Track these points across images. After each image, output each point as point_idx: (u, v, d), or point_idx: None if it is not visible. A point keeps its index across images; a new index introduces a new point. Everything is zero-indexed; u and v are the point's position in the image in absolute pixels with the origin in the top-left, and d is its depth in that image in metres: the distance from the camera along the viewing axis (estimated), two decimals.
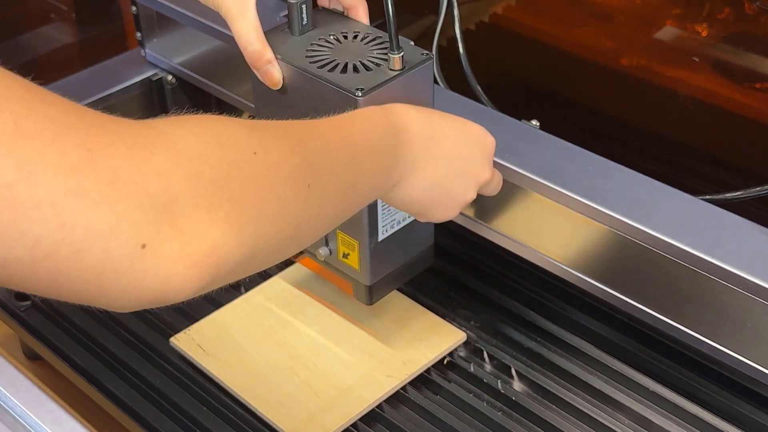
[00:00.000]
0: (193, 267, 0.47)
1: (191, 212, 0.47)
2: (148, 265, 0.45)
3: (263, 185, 0.52)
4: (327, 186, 0.59)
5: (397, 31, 0.73)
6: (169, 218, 0.46)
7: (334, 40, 0.78)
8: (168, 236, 0.46)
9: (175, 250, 0.46)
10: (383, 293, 0.87)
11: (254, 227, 0.51)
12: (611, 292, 0.81)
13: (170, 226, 0.46)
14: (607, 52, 1.13)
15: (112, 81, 1.11)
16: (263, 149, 0.53)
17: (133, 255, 0.45)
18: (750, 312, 0.73)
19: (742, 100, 1.03)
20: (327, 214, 0.61)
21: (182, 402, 0.85)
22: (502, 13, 1.20)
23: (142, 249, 0.45)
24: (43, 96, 0.44)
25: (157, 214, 0.45)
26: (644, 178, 0.81)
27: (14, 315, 0.95)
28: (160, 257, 0.46)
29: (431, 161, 0.71)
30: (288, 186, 0.55)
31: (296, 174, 0.56)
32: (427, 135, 0.71)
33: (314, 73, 0.75)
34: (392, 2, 0.72)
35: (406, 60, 0.75)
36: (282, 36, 0.78)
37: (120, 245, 0.44)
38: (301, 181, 0.56)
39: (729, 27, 1.02)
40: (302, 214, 0.57)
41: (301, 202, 0.56)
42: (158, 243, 0.45)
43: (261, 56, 0.75)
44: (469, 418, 0.83)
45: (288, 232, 0.55)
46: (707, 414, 0.82)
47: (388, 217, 0.81)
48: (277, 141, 0.56)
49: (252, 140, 0.53)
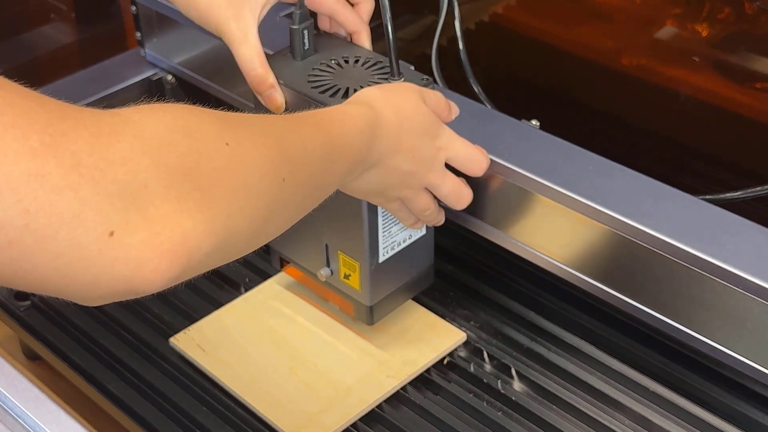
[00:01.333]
0: (164, 256, 0.46)
1: (161, 201, 0.46)
2: (118, 254, 0.45)
3: (235, 176, 0.52)
4: (301, 180, 0.59)
5: (398, 57, 0.74)
6: (137, 206, 0.45)
7: (336, 65, 0.79)
8: (137, 225, 0.45)
9: (144, 238, 0.45)
10: (384, 313, 0.88)
11: (225, 217, 0.50)
12: (611, 292, 0.81)
13: (139, 214, 0.45)
14: (607, 52, 1.13)
15: (112, 81, 1.11)
16: (235, 141, 0.53)
17: (101, 243, 0.44)
18: (750, 312, 0.73)
19: (742, 100, 1.03)
20: (297, 206, 0.61)
21: (182, 402, 0.85)
22: (502, 13, 1.20)
23: (110, 237, 0.44)
24: (2, 83, 0.43)
25: (125, 202, 0.45)
26: (644, 177, 0.81)
27: (14, 315, 0.95)
28: (130, 246, 0.45)
29: (390, 161, 0.71)
30: (261, 178, 0.54)
31: (270, 167, 0.55)
32: (395, 137, 0.70)
33: (315, 98, 0.76)
34: (393, 29, 0.73)
35: None
36: (284, 60, 0.79)
37: (86, 232, 0.43)
38: (275, 174, 0.56)
39: (729, 27, 1.02)
40: (274, 206, 0.56)
41: (274, 194, 0.56)
42: (127, 231, 0.45)
43: (264, 81, 0.76)
44: (469, 418, 0.83)
45: (259, 223, 0.55)
46: (707, 414, 0.82)
47: (388, 239, 0.83)
48: (252, 134, 0.55)
49: (224, 132, 0.53)
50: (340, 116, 0.67)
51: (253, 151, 0.54)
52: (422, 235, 0.86)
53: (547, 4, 1.16)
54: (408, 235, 0.84)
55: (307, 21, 0.78)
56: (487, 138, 0.86)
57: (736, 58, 1.03)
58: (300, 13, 0.78)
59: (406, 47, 1.21)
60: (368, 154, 0.69)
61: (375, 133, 0.68)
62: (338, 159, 0.65)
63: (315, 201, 0.65)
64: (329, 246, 0.85)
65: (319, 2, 0.78)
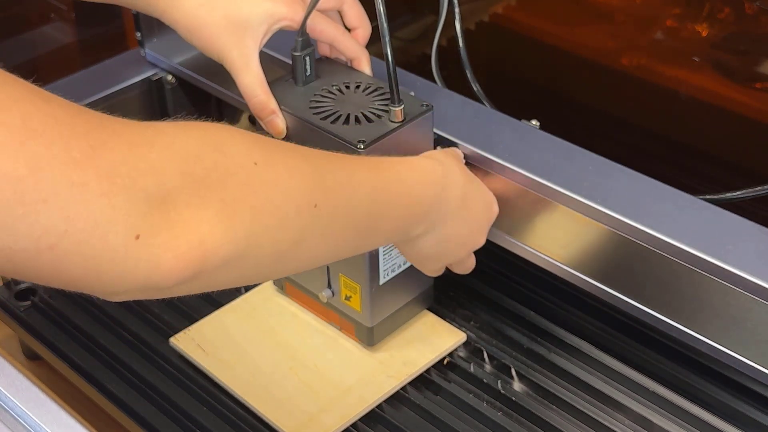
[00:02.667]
0: (181, 257, 0.49)
1: (182, 207, 0.49)
2: (141, 255, 0.47)
3: (259, 193, 0.54)
4: (340, 213, 0.62)
5: (397, 84, 0.76)
6: (161, 211, 0.48)
7: (337, 91, 0.80)
8: (159, 228, 0.48)
9: (165, 240, 0.48)
10: (385, 334, 0.89)
11: (246, 229, 0.53)
12: (611, 292, 0.81)
13: (162, 219, 0.48)
14: (607, 52, 1.13)
15: (112, 81, 1.11)
16: (265, 162, 0.55)
17: (128, 245, 0.47)
18: (750, 312, 0.73)
19: (742, 100, 1.03)
20: (335, 241, 0.63)
21: (182, 402, 0.85)
22: (502, 13, 1.20)
23: (135, 240, 0.47)
24: (46, 97, 0.46)
25: (150, 208, 0.48)
26: (644, 177, 0.81)
27: (14, 315, 0.95)
28: (152, 247, 0.48)
29: (456, 220, 0.75)
30: (287, 200, 0.56)
31: (301, 191, 0.58)
32: (462, 193, 0.75)
33: (317, 124, 0.77)
34: (393, 55, 0.74)
35: (406, 112, 0.77)
36: (286, 86, 0.81)
37: (116, 236, 0.46)
38: (305, 199, 0.58)
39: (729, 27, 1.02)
40: (304, 232, 0.58)
41: (305, 219, 0.58)
42: (150, 234, 0.48)
43: (265, 107, 0.78)
44: (469, 419, 0.83)
45: (286, 245, 0.57)
46: (707, 414, 0.82)
47: (389, 261, 0.84)
48: (286, 157, 0.58)
49: (254, 152, 0.55)
50: (404, 164, 0.70)
51: (283, 173, 0.56)
52: None
53: (547, 4, 1.16)
54: None
55: (308, 48, 0.80)
56: (487, 138, 0.86)
57: (736, 58, 1.03)
58: (302, 40, 0.79)
59: (406, 47, 1.21)
60: (433, 208, 0.72)
61: (444, 193, 0.72)
62: (392, 206, 0.68)
63: (363, 242, 0.67)
64: (330, 268, 0.86)
65: (320, 31, 0.80)
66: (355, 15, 0.82)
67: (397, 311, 0.88)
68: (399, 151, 0.78)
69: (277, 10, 0.77)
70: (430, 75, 0.99)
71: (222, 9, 0.76)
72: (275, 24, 0.77)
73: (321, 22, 0.80)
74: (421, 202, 0.71)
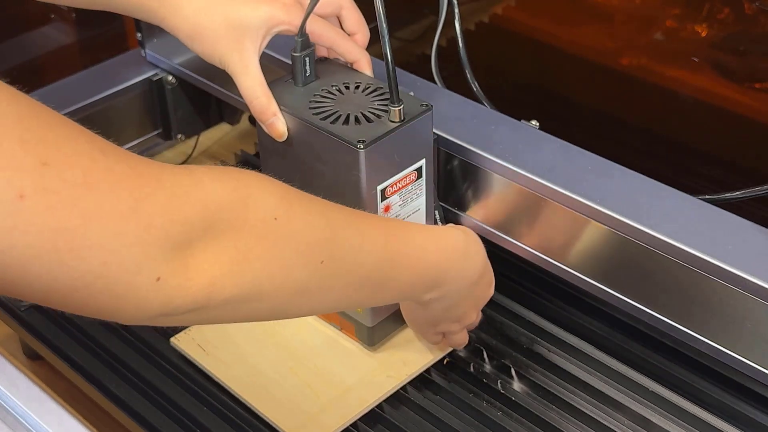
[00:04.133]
0: (189, 296, 0.54)
1: (200, 254, 0.54)
2: (158, 294, 0.52)
3: (272, 246, 0.58)
4: (342, 273, 0.65)
5: (397, 84, 0.76)
6: (182, 257, 0.53)
7: (336, 91, 0.81)
8: (178, 272, 0.53)
9: (180, 282, 0.53)
10: (384, 334, 0.89)
11: (254, 276, 0.57)
12: (611, 292, 0.81)
13: (181, 264, 0.53)
14: (607, 52, 1.13)
15: (112, 81, 1.11)
16: (286, 217, 0.59)
17: (150, 286, 0.51)
18: (750, 312, 0.73)
19: (742, 100, 1.03)
20: (336, 295, 0.66)
21: (182, 402, 0.85)
22: (502, 13, 1.20)
23: (157, 281, 0.52)
24: (102, 147, 0.50)
25: (174, 254, 0.52)
26: (644, 178, 0.82)
27: (14, 315, 0.95)
28: (168, 288, 0.52)
29: (467, 295, 0.79)
30: (297, 254, 0.60)
31: (310, 247, 0.61)
32: (481, 270, 0.79)
33: (317, 124, 0.77)
34: (392, 56, 0.74)
35: (405, 112, 0.78)
36: (286, 87, 0.81)
37: (142, 278, 0.51)
38: (313, 255, 0.62)
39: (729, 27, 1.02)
40: (308, 284, 0.62)
41: (308, 272, 0.62)
42: (170, 276, 0.52)
43: (266, 110, 0.79)
44: (469, 418, 0.83)
45: (288, 294, 0.61)
46: (707, 414, 0.82)
47: None
48: (307, 215, 0.62)
49: (279, 208, 0.59)
50: (425, 232, 0.73)
51: (299, 230, 0.60)
52: None
53: (547, 5, 1.16)
54: None
55: (308, 48, 0.80)
56: (487, 138, 0.86)
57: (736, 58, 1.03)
58: (301, 41, 0.79)
59: (406, 47, 1.21)
60: (450, 276, 0.75)
61: (466, 256, 0.76)
62: (405, 269, 0.71)
63: (367, 299, 0.72)
64: None
65: (319, 35, 0.81)
66: (354, 20, 0.82)
67: (397, 311, 0.88)
68: (398, 151, 0.78)
69: (276, 14, 0.78)
70: (430, 75, 0.99)
71: (221, 14, 0.77)
72: (274, 28, 0.78)
73: (320, 26, 0.80)
74: (438, 268, 0.74)
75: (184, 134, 1.18)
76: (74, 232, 0.48)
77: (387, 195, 0.79)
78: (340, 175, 0.78)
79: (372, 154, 0.76)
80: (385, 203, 0.79)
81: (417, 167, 0.81)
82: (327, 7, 0.81)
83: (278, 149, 0.81)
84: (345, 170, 0.77)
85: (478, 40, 1.16)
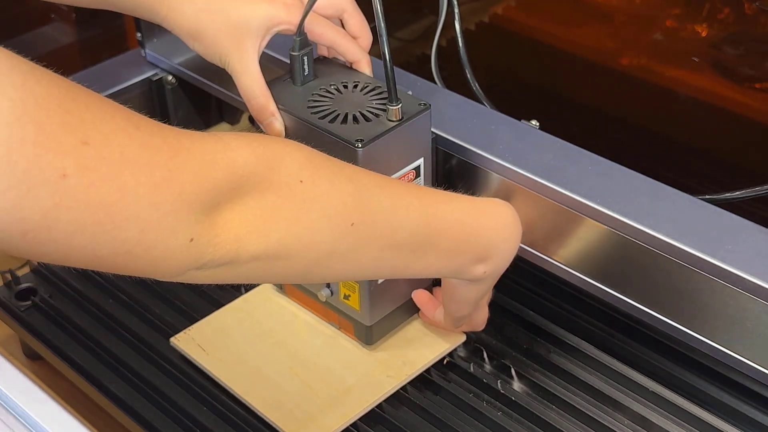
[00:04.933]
0: (218, 252, 0.57)
1: (228, 213, 0.57)
2: (191, 252, 0.56)
3: (297, 208, 0.60)
4: (376, 234, 0.66)
5: (395, 84, 0.76)
6: (211, 217, 0.56)
7: (335, 90, 0.81)
8: (207, 230, 0.56)
9: (209, 239, 0.56)
10: (383, 333, 0.89)
11: (279, 236, 0.60)
12: (611, 292, 0.81)
13: (210, 223, 0.56)
14: (607, 52, 1.13)
15: (112, 81, 1.11)
16: (311, 180, 0.61)
17: (183, 246, 0.55)
18: (750, 312, 0.73)
19: (742, 100, 1.03)
20: (371, 260, 0.67)
21: (182, 402, 0.85)
22: (502, 13, 1.20)
23: (190, 242, 0.55)
24: (137, 122, 0.53)
25: (205, 216, 0.56)
26: (644, 178, 0.81)
27: (14, 315, 0.95)
28: (199, 245, 0.56)
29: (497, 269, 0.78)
30: (324, 216, 0.62)
31: (338, 210, 0.63)
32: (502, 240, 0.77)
33: (315, 123, 0.78)
34: (390, 56, 0.74)
35: (404, 111, 0.78)
36: (284, 86, 0.81)
37: (177, 240, 0.54)
38: (341, 218, 0.63)
39: (729, 27, 1.02)
40: (337, 246, 0.64)
41: (337, 234, 0.63)
42: (200, 235, 0.56)
43: (264, 109, 0.79)
44: (469, 418, 0.83)
45: (317, 254, 0.63)
46: (707, 414, 0.82)
47: None
48: (335, 178, 0.64)
49: (304, 170, 0.61)
50: (468, 201, 0.74)
51: (324, 192, 0.62)
52: None
53: (547, 5, 1.16)
54: None
55: (307, 48, 0.80)
56: (487, 138, 0.86)
57: (736, 58, 1.03)
58: (300, 40, 0.79)
59: (406, 47, 1.21)
60: (499, 249, 0.76)
61: (516, 232, 0.77)
62: (448, 237, 0.71)
63: (405, 267, 0.71)
64: None
65: (319, 34, 0.81)
66: (356, 24, 0.82)
67: (395, 310, 0.88)
68: (397, 150, 0.78)
69: (276, 13, 0.78)
70: (430, 75, 0.99)
71: (222, 13, 0.77)
72: (274, 27, 0.78)
73: (320, 25, 0.80)
74: (484, 237, 0.74)
75: None
76: (114, 206, 0.51)
77: None
78: None
79: (370, 153, 0.76)
80: None
81: (415, 166, 0.81)
82: (328, 9, 0.81)
83: None
84: None
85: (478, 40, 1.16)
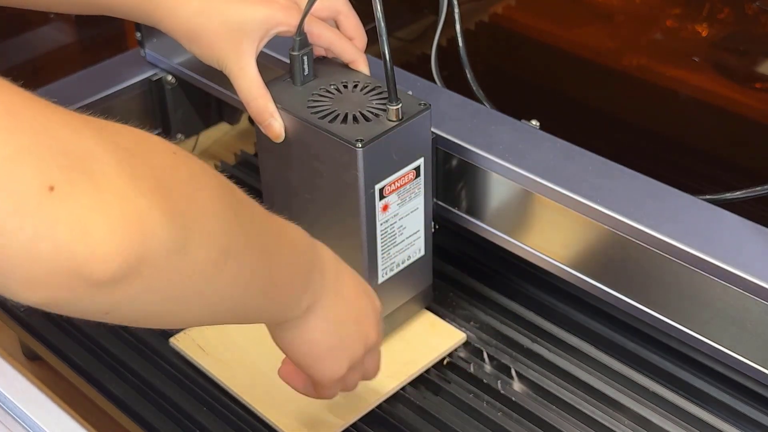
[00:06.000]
0: (116, 227, 0.42)
1: (112, 174, 0.43)
2: (60, 213, 0.40)
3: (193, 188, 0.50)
4: (249, 232, 0.56)
5: (395, 84, 0.76)
6: (82, 168, 0.42)
7: (335, 90, 0.81)
8: (83, 187, 0.41)
9: (92, 203, 0.41)
10: (382, 333, 0.88)
11: (185, 220, 0.47)
12: (611, 292, 0.81)
13: (83, 175, 0.41)
14: (607, 52, 1.13)
15: (112, 81, 1.11)
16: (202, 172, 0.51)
17: (41, 196, 0.40)
18: (750, 312, 0.73)
19: (742, 100, 1.03)
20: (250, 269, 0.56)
21: (182, 402, 0.85)
22: (502, 13, 1.20)
23: (50, 191, 0.40)
24: None
25: (68, 161, 0.41)
26: (644, 178, 0.81)
27: (14, 315, 0.95)
28: (75, 206, 0.41)
29: (338, 297, 0.68)
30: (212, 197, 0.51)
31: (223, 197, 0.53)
32: (335, 269, 0.68)
33: (315, 123, 0.77)
34: (390, 56, 0.74)
35: (403, 111, 0.78)
36: (284, 86, 0.81)
37: (23, 184, 0.40)
38: (227, 202, 0.53)
39: (729, 27, 1.02)
40: (230, 242, 0.52)
41: (228, 226, 0.52)
42: (71, 190, 0.41)
43: (263, 111, 0.79)
44: (468, 419, 0.83)
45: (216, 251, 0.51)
46: (707, 414, 0.82)
47: (387, 260, 0.84)
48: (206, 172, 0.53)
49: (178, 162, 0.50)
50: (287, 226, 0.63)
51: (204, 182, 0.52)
52: (421, 256, 0.86)
53: (547, 4, 1.16)
54: (406, 257, 0.85)
55: (306, 47, 0.80)
56: (487, 138, 0.86)
57: (736, 58, 1.04)
58: (299, 40, 0.79)
59: (406, 47, 1.21)
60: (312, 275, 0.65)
61: (316, 255, 0.66)
62: (283, 253, 0.61)
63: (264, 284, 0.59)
64: None
65: (317, 35, 0.80)
66: (351, 25, 0.82)
67: (395, 310, 0.88)
68: (396, 150, 0.78)
69: (274, 15, 0.78)
70: (430, 75, 0.99)
71: (219, 16, 0.77)
72: (272, 29, 0.78)
73: (317, 27, 0.80)
74: (300, 264, 0.64)
75: (183, 134, 1.18)
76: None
77: (385, 194, 0.79)
78: (338, 174, 0.78)
79: (370, 153, 0.76)
80: (383, 202, 0.79)
81: (415, 166, 0.81)
82: (323, 12, 0.81)
83: (276, 148, 0.81)
84: (343, 169, 0.77)
85: (478, 40, 1.16)
